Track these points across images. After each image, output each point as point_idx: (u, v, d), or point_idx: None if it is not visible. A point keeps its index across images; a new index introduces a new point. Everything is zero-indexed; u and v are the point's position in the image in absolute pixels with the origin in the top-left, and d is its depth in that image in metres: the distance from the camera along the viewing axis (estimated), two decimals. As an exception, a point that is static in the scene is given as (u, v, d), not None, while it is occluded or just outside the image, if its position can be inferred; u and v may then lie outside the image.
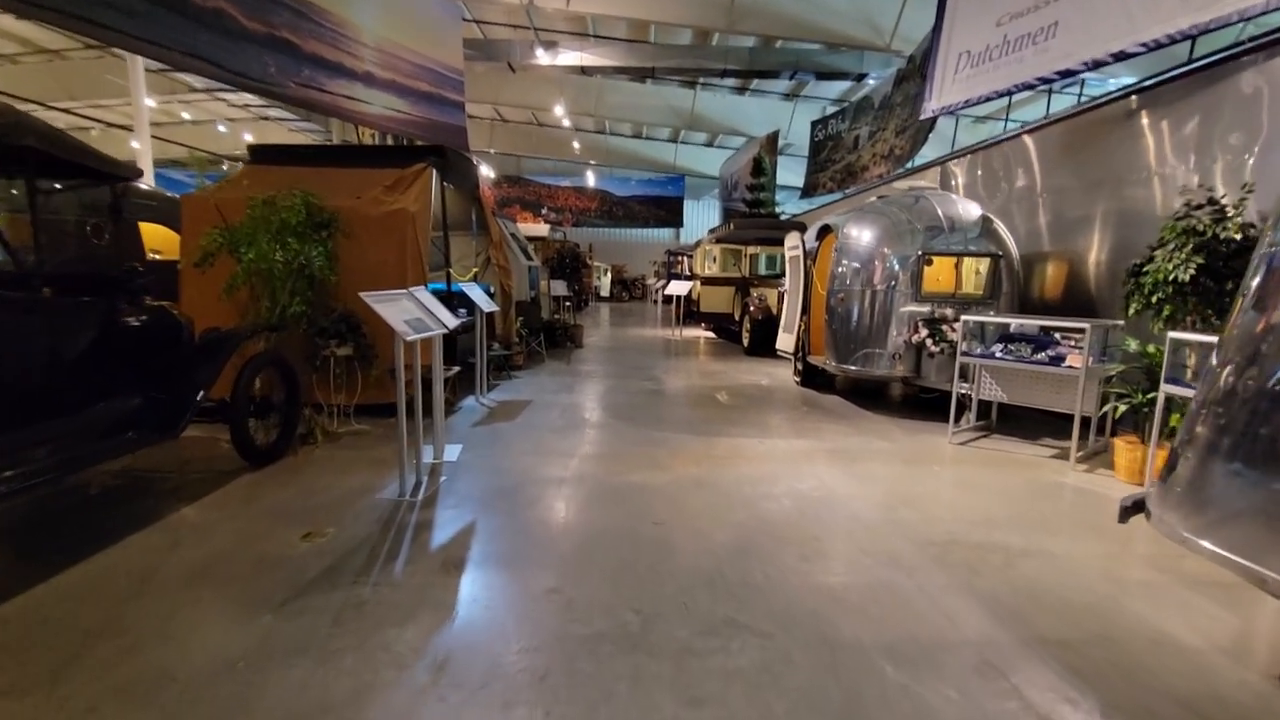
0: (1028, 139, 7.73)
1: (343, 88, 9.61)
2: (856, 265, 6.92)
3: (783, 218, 17.37)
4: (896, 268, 6.62)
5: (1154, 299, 4.76)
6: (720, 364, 10.35)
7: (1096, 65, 5.98)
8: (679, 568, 3.11)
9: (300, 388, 4.91)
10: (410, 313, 4.10)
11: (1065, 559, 3.31)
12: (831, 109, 18.21)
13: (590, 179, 33.21)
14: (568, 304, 13.84)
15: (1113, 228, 6.43)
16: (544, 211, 33.83)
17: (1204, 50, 5.63)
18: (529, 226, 15.92)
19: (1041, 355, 5.24)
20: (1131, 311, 4.94)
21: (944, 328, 6.23)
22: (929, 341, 6.24)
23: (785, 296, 8.82)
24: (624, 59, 14.85)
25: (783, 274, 12.63)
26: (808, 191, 18.12)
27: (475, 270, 8.05)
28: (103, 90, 20.28)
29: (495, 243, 8.63)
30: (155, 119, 23.34)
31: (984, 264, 6.60)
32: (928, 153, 12.46)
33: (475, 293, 6.74)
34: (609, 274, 31.76)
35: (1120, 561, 3.33)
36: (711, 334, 15.09)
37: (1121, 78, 12.92)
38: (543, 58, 14.77)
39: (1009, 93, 7.11)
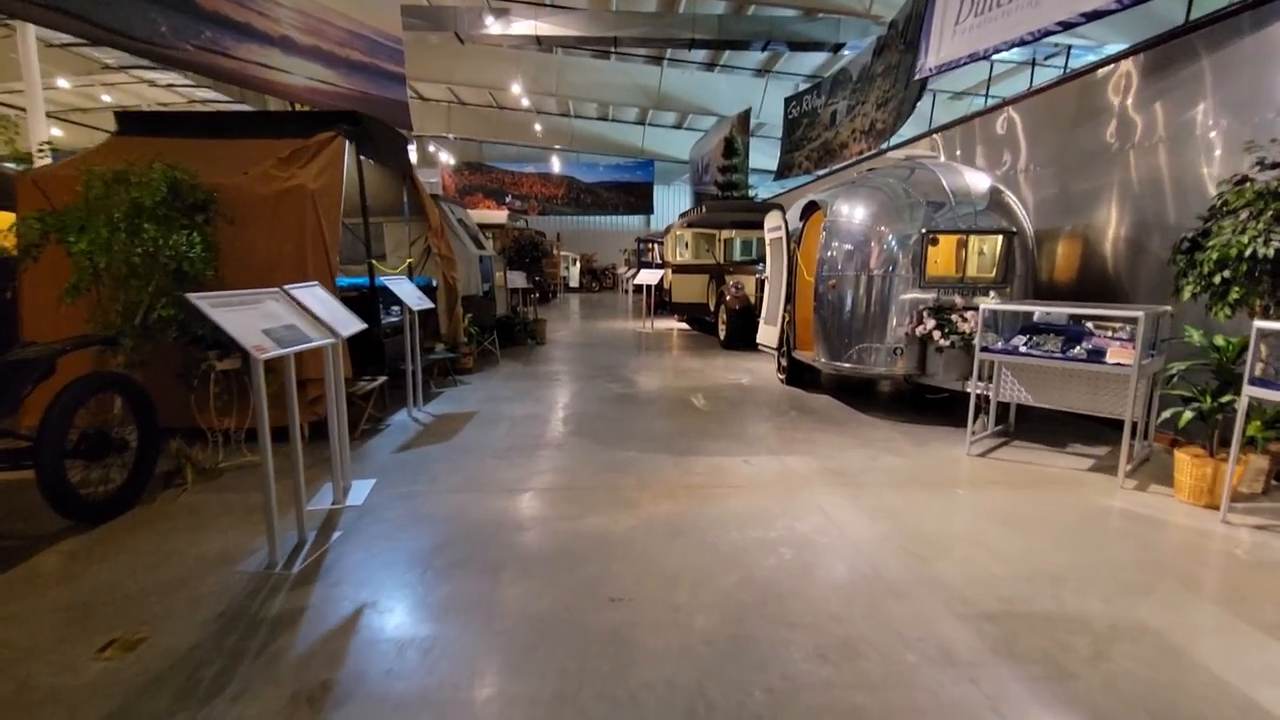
0: (1032, 103, 6.88)
1: (254, 53, 8.34)
2: (849, 247, 6.00)
3: (757, 200, 16.46)
4: (895, 249, 5.72)
5: (1216, 280, 3.91)
6: (695, 360, 9.41)
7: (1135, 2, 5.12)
8: (643, 685, 2.14)
9: (155, 416, 3.80)
10: (275, 319, 3.03)
11: (1176, 641, 2.42)
12: (805, 86, 17.30)
13: (555, 165, 31.86)
14: (532, 296, 12.75)
15: (1133, 199, 5.61)
16: (508, 199, 32.40)
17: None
18: (486, 213, 14.73)
19: (1078, 350, 4.39)
20: (1187, 295, 4.09)
21: (954, 317, 5.35)
22: (937, 334, 5.36)
23: (765, 284, 7.90)
24: (583, 28, 13.70)
25: (761, 260, 11.73)
26: (782, 172, 17.21)
27: (410, 261, 6.96)
28: (8, 72, 18.37)
29: (434, 229, 7.51)
30: (74, 103, 21.42)
31: (995, 242, 5.73)
32: (905, 132, 11.64)
33: (403, 288, 5.65)
34: (578, 263, 30.57)
35: (1256, 643, 2.46)
36: (685, 326, 14.15)
37: (1109, 45, 12.25)
38: (493, 26, 13.53)
39: (1022, 42, 6.20)
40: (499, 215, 13.82)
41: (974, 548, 3.20)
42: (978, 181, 5.83)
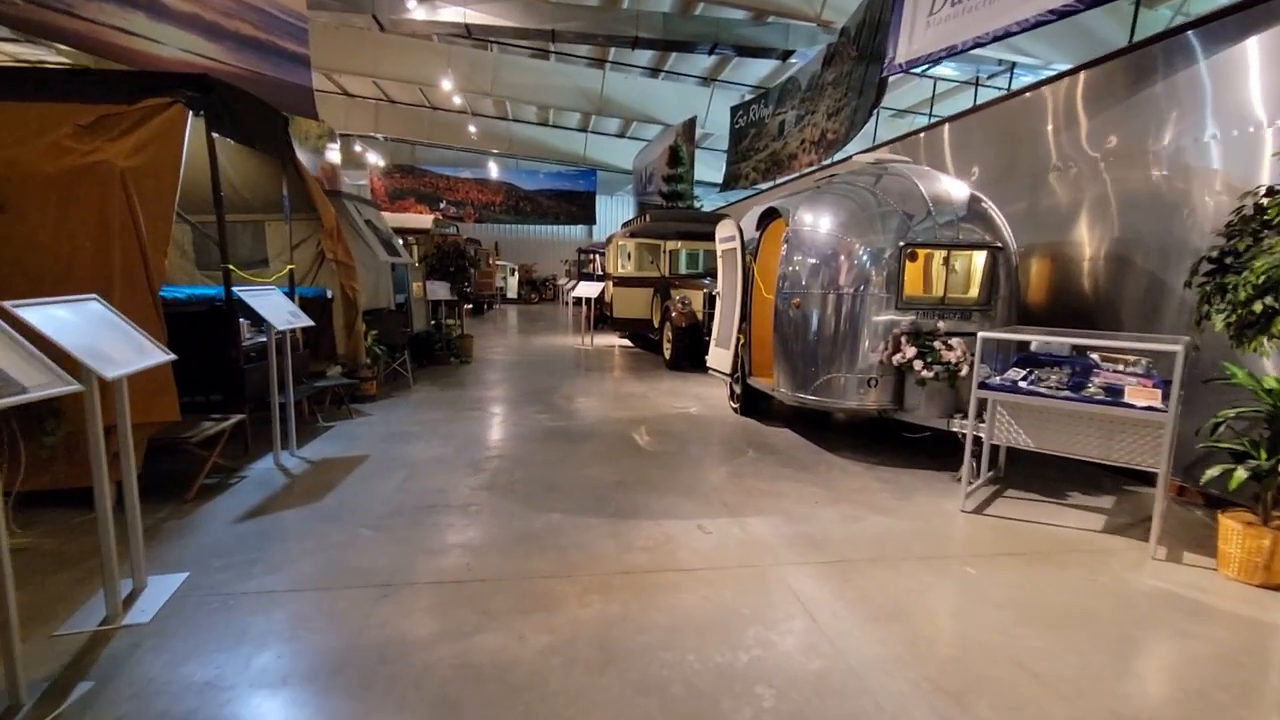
0: (1006, 106, 6.33)
1: (108, 13, 6.90)
2: (814, 261, 5.20)
3: (703, 211, 15.76)
4: (868, 264, 4.94)
5: (1257, 307, 3.26)
6: (638, 383, 8.46)
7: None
8: None
9: None
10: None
11: None
12: (751, 96, 16.81)
13: (494, 171, 30.50)
14: (457, 309, 11.51)
15: (1117, 214, 5.07)
16: (442, 205, 30.76)
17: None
18: (410, 217, 13.40)
19: (1092, 388, 3.67)
20: (1220, 325, 3.43)
21: (936, 345, 4.60)
22: (918, 363, 4.59)
23: (717, 301, 7.04)
24: (517, 18, 12.65)
25: (709, 274, 10.95)
26: (728, 183, 16.62)
27: (292, 268, 5.73)
28: None
29: (329, 231, 6.28)
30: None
31: (977, 259, 5.05)
32: (851, 147, 11.19)
33: (266, 301, 4.45)
34: (516, 274, 29.24)
35: None
36: (627, 342, 13.21)
37: (1056, 64, 12.20)
38: (417, 11, 12.30)
39: (1007, 34, 5.55)
40: (423, 219, 12.51)
41: (1015, 670, 2.34)
42: (956, 189, 5.15)
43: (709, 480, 4.46)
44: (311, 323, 4.91)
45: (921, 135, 7.50)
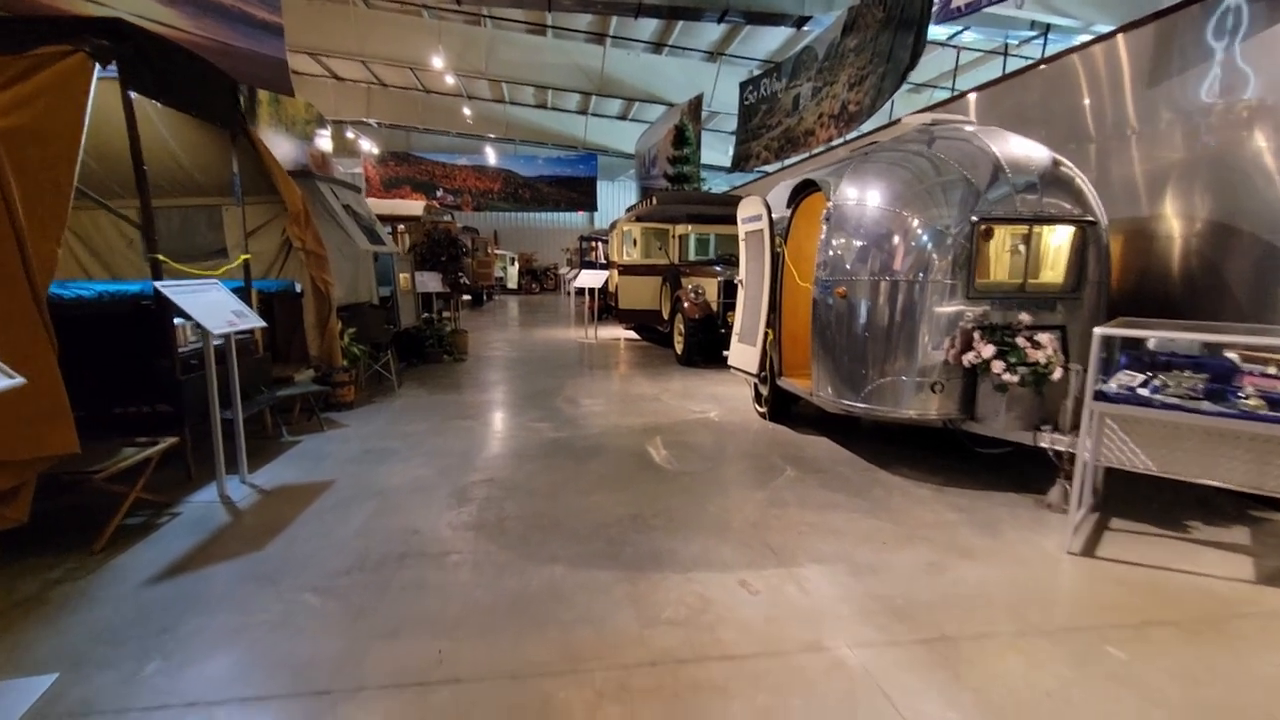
0: (1066, 62, 5.45)
1: (38, -31, 6.04)
2: (861, 242, 4.37)
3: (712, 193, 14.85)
4: (928, 244, 4.10)
5: None
6: (649, 382, 7.64)
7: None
8: None
9: None
10: None
11: None
12: (761, 71, 15.83)
13: (491, 157, 29.50)
14: (451, 302, 10.69)
15: (1218, 180, 4.22)
16: (439, 193, 29.89)
17: None
18: (399, 203, 12.55)
19: (1248, 398, 2.85)
20: None
21: (1020, 341, 3.77)
22: (998, 365, 3.77)
23: (738, 290, 6.21)
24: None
25: (722, 260, 10.11)
26: (738, 164, 15.68)
27: (246, 258, 4.90)
28: None
29: (294, 216, 5.46)
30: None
31: (1061, 236, 4.20)
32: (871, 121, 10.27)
33: (201, 299, 3.64)
34: (516, 263, 28.36)
35: None
36: (633, 334, 12.38)
37: (1097, 26, 11.22)
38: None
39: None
40: (413, 205, 11.66)
41: None
42: (1034, 151, 4.28)
43: (744, 511, 3.65)
44: (261, 323, 4.09)
45: (972, 96, 6.60)
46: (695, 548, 3.18)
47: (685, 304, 8.74)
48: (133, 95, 3.62)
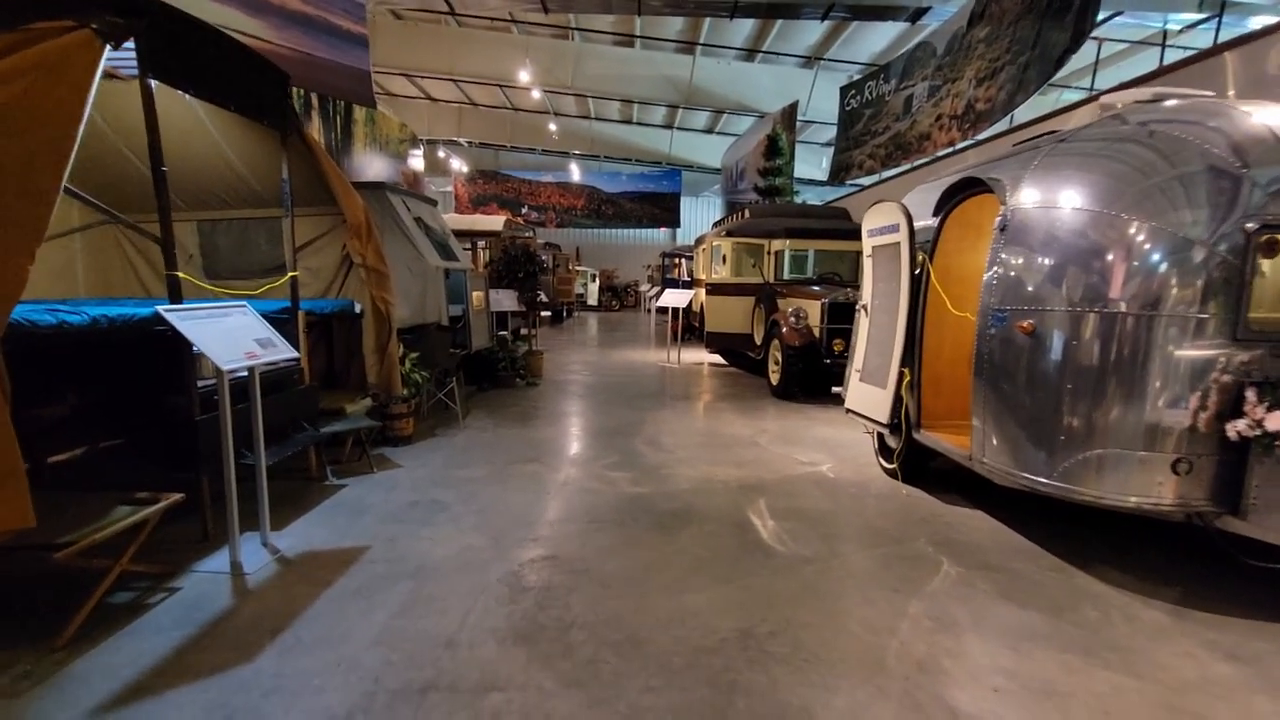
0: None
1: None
2: (1053, 260, 3.23)
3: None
4: (1163, 263, 2.91)
5: None
6: (741, 419, 6.63)
7: None
8: None
9: None
10: None
11: None
12: (864, 75, 14.55)
13: (575, 173, 29.49)
14: (544, 317, 10.12)
15: None
16: (524, 210, 30.20)
17: None
18: (479, 218, 12.24)
19: None
20: None
21: (1330, 408, 2.51)
22: (1294, 442, 2.52)
23: (860, 318, 5.11)
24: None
25: (822, 280, 8.98)
26: (836, 175, 14.45)
27: (294, 275, 4.35)
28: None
29: (354, 228, 4.91)
30: None
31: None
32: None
33: (202, 327, 3.00)
34: (597, 280, 28.03)
35: None
36: (718, 358, 11.37)
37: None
38: (489, -13, 11.13)
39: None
40: (494, 220, 11.25)
41: None
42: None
43: (900, 635, 2.58)
44: (293, 354, 3.43)
45: (1228, 55, 5.18)
46: (840, 703, 2.15)
47: (784, 329, 7.67)
48: (163, 87, 3.09)
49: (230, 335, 3.04)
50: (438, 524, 3.69)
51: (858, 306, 5.05)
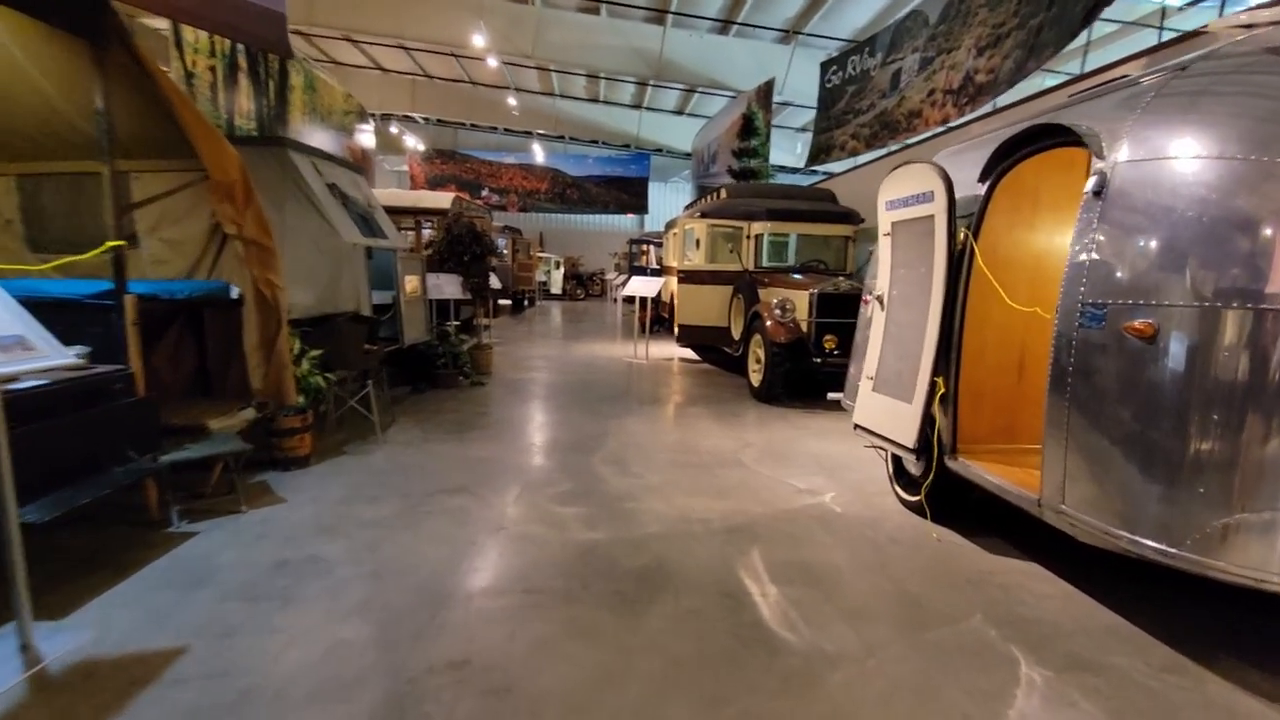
0: None
1: None
2: (1184, 236, 2.28)
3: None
4: (1349, 240, 1.98)
5: None
6: (720, 429, 5.64)
7: None
8: None
9: None
10: None
11: None
12: (846, 49, 13.64)
13: (539, 155, 28.03)
14: (503, 305, 8.93)
15: None
16: (484, 193, 28.64)
17: None
18: (423, 195, 10.96)
19: None
20: None
21: None
22: None
23: (868, 310, 4.15)
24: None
25: (804, 268, 8.06)
26: (815, 158, 13.52)
27: (114, 244, 3.16)
28: None
29: (223, 189, 3.72)
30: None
31: None
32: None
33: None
34: (561, 267, 26.75)
35: None
36: (689, 352, 10.38)
37: None
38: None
39: None
40: (441, 198, 10.00)
41: None
42: None
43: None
44: (55, 361, 2.27)
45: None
46: None
47: (767, 322, 6.70)
48: None
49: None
50: (305, 601, 2.59)
51: (870, 297, 4.07)
